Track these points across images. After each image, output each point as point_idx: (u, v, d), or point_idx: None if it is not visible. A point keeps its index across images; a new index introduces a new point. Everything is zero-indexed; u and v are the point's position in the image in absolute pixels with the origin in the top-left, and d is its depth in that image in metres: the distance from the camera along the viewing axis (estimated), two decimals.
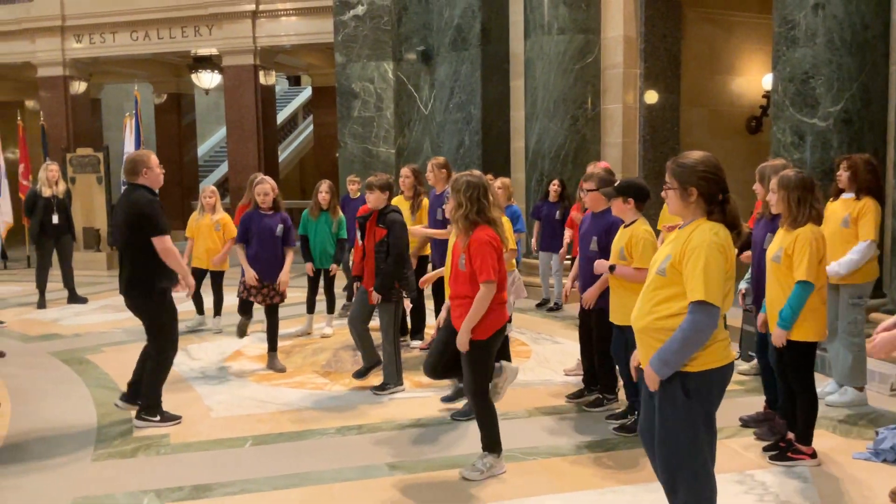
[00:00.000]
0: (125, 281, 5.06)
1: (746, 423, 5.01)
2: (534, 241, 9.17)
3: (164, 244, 4.97)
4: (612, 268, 4.83)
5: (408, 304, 5.86)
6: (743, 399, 5.49)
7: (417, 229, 6.56)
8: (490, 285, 4.13)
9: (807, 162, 6.61)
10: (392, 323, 5.79)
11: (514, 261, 6.00)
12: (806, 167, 6.40)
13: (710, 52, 10.67)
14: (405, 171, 7.13)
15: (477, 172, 4.35)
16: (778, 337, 4.31)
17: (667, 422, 2.98)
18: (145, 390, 5.17)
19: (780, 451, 4.44)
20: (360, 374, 6.05)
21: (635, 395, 4.93)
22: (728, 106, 10.96)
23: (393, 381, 5.85)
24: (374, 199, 5.78)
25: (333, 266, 7.70)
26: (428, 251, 7.06)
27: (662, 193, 3.10)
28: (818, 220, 4.36)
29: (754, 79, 10.99)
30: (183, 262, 5.17)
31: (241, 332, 7.34)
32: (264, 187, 6.53)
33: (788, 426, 4.52)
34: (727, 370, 3.00)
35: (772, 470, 4.32)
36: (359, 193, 9.06)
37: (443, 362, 4.52)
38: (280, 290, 6.48)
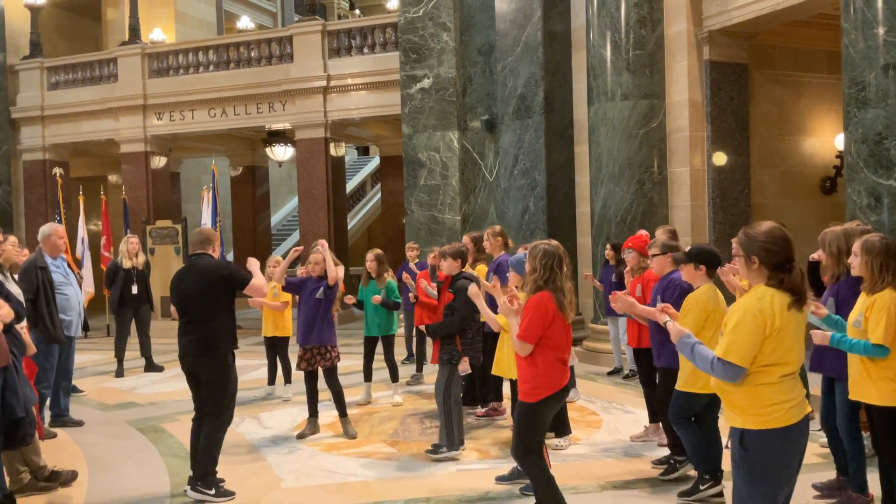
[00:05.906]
0: (195, 342, 5.16)
1: (821, 490, 4.79)
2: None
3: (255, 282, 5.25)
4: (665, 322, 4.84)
5: (462, 368, 5.84)
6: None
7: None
8: (522, 345, 4.24)
9: (885, 224, 6.40)
10: (444, 383, 5.80)
11: None
12: (884, 229, 6.20)
13: (779, 112, 10.57)
14: (465, 239, 7.40)
15: (555, 242, 4.48)
16: (822, 338, 4.29)
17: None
18: (202, 456, 5.18)
19: None
20: (431, 451, 6.00)
21: (704, 463, 4.77)
22: (800, 167, 10.77)
23: (445, 443, 5.81)
24: (447, 267, 6.02)
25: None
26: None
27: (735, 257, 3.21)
28: None
29: (827, 139, 10.80)
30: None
31: (302, 436, 6.65)
32: (316, 257, 6.56)
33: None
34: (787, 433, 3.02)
35: None
36: (417, 259, 9.33)
37: None
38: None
